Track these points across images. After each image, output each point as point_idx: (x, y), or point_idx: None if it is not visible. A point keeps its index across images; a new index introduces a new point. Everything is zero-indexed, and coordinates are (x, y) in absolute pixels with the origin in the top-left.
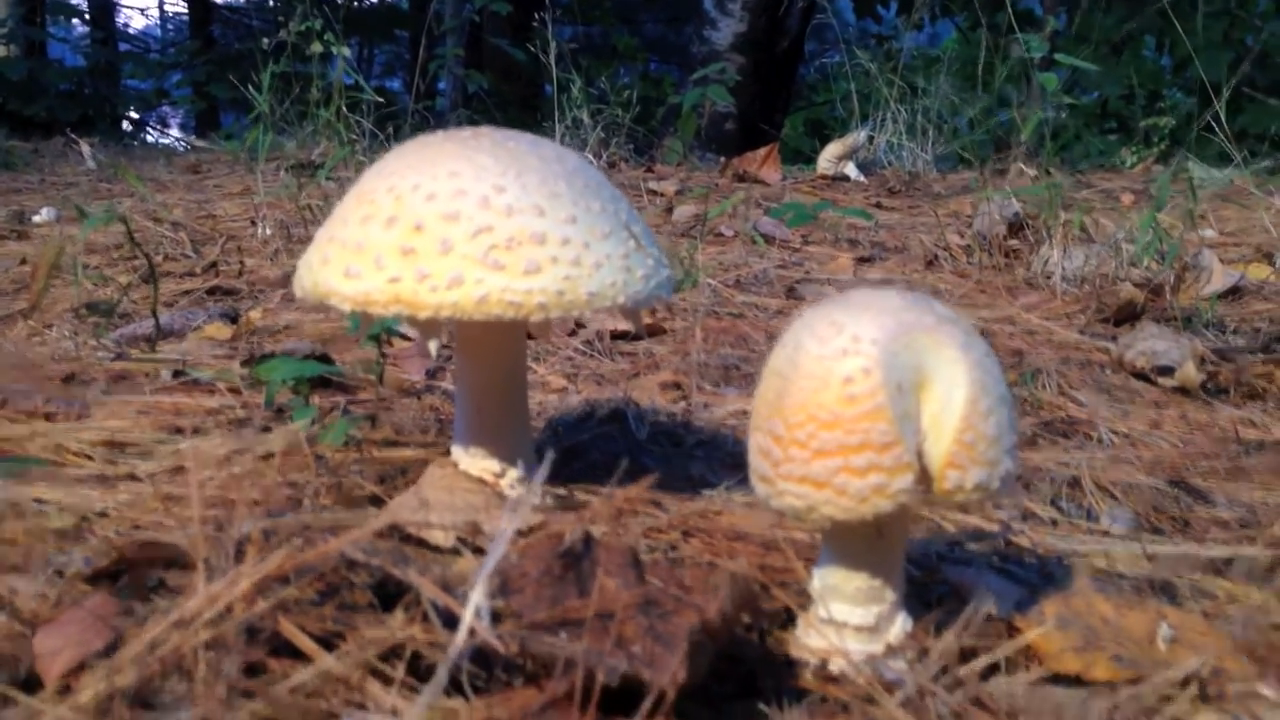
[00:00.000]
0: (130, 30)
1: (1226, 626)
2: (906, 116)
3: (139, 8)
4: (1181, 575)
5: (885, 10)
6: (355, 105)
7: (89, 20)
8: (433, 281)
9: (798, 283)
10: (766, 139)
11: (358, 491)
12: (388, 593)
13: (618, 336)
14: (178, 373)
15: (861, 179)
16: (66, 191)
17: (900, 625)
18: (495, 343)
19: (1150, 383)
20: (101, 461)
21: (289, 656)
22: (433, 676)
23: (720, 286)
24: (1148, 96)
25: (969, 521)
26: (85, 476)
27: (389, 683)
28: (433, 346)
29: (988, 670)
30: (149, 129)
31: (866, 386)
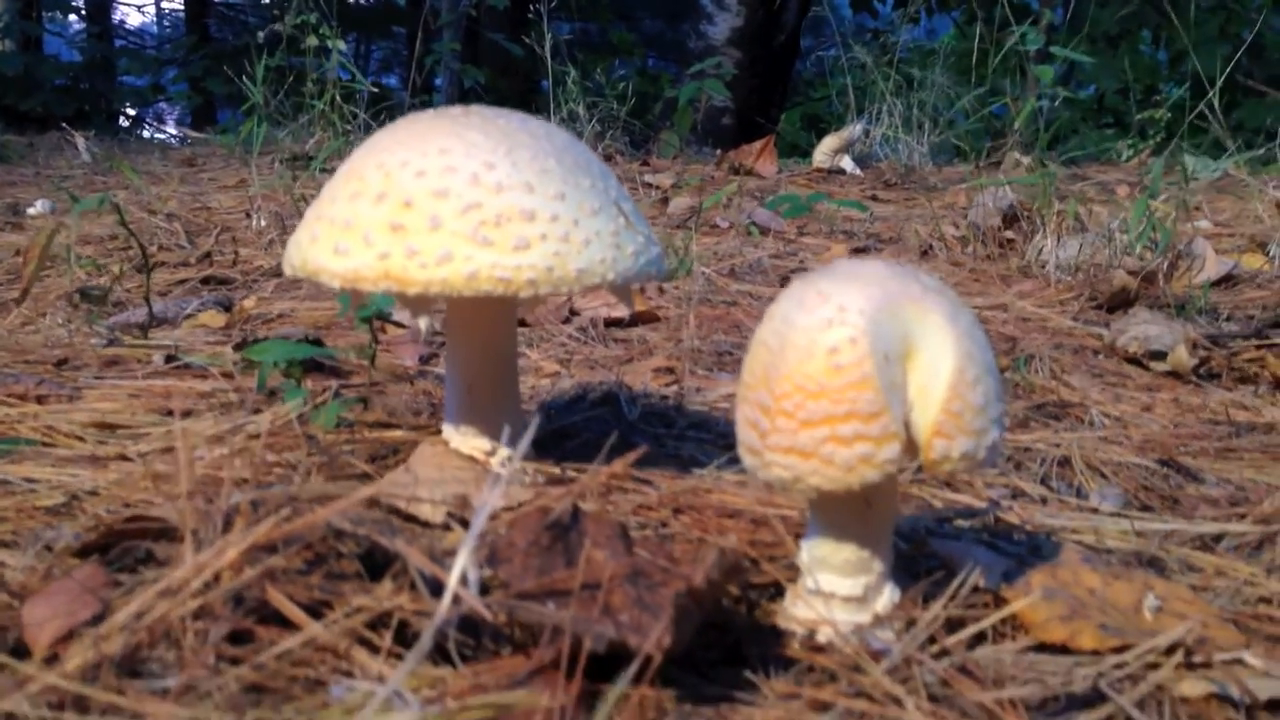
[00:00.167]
0: (126, 27)
1: (1214, 599)
2: (902, 110)
3: (135, 4)
4: (1170, 550)
5: (881, 5)
6: (350, 96)
7: (85, 16)
8: (422, 258)
9: (792, 272)
10: (763, 133)
11: (349, 470)
12: (375, 562)
13: (611, 323)
14: (170, 358)
15: (857, 172)
16: (61, 185)
17: (888, 596)
18: (486, 321)
19: (1143, 367)
20: (92, 442)
21: (277, 625)
22: (417, 642)
23: (715, 275)
24: (1144, 91)
25: (958, 499)
26: (76, 457)
27: (376, 651)
28: (422, 323)
29: (974, 639)
30: (145, 124)
31: (853, 356)
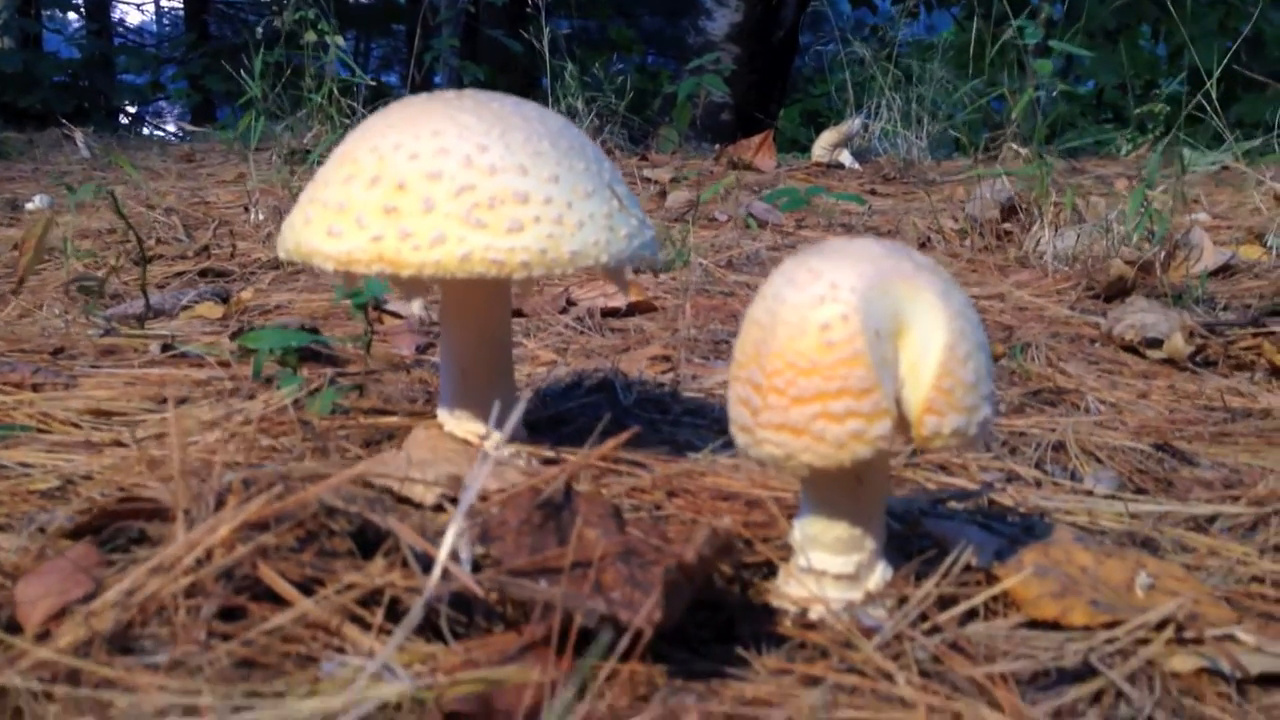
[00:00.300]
0: (126, 25)
1: (1206, 577)
2: (901, 104)
3: (134, 2)
4: (1163, 531)
5: (881, 0)
6: (348, 90)
7: (84, 13)
8: (415, 240)
9: None
10: (762, 128)
11: (343, 454)
12: (367, 540)
13: (608, 313)
14: (166, 347)
15: (856, 166)
16: (60, 180)
17: (880, 574)
18: (480, 305)
19: (1139, 355)
20: (88, 429)
21: (269, 602)
22: (407, 616)
23: (712, 266)
24: (1143, 86)
25: (953, 482)
26: (71, 442)
27: (367, 627)
28: (416, 306)
29: (966, 616)
30: (145, 122)
31: (844, 333)
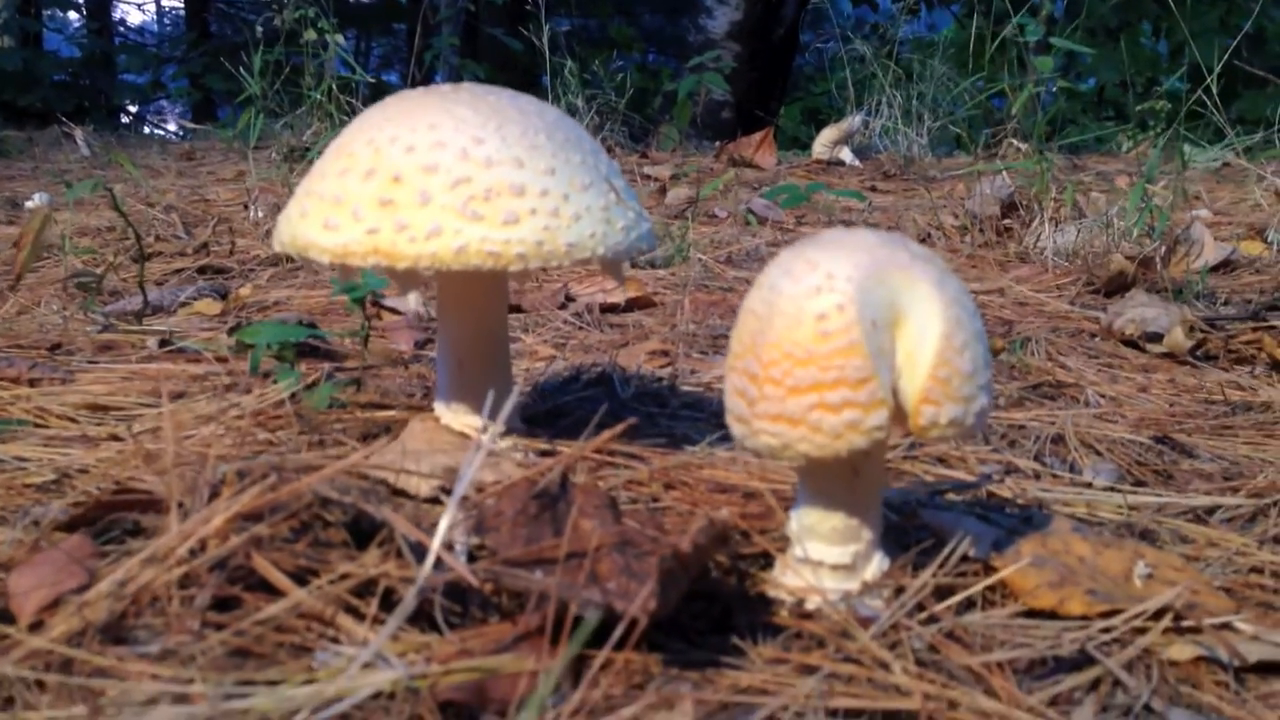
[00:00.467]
0: (127, 25)
1: (1205, 568)
2: (902, 102)
3: (135, 2)
4: (1162, 522)
5: None
6: (347, 87)
7: (85, 13)
8: (411, 232)
9: None
10: (763, 126)
11: (339, 447)
12: (362, 531)
13: (607, 309)
14: (164, 342)
15: (857, 164)
16: (60, 178)
17: (877, 564)
18: (477, 298)
19: (1139, 349)
20: (85, 424)
21: (263, 592)
22: (400, 604)
23: (712, 262)
24: (1145, 83)
25: (951, 474)
26: (67, 437)
27: (361, 617)
28: (412, 299)
29: (963, 606)
30: (146, 122)
31: (840, 323)
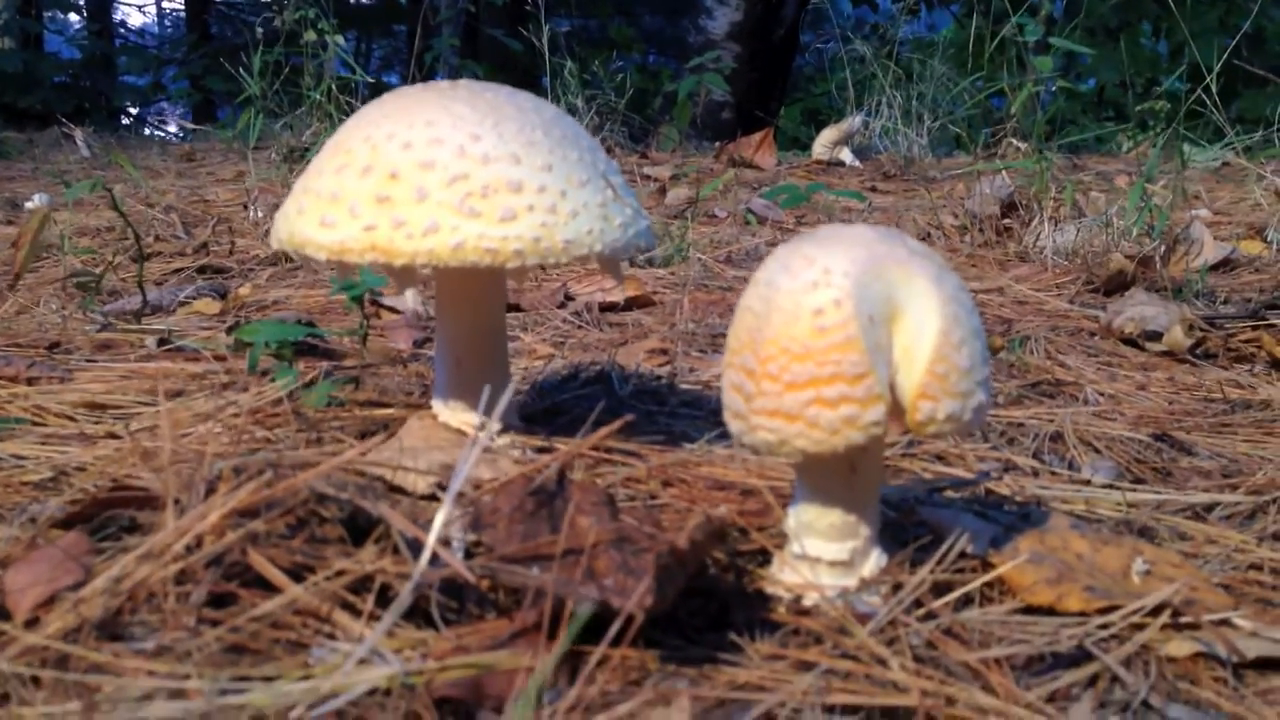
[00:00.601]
0: (128, 27)
1: (1204, 565)
2: (902, 102)
3: (136, 4)
4: (1161, 519)
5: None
6: (346, 87)
7: (85, 14)
8: (408, 229)
9: None
10: (763, 127)
11: (337, 445)
12: (358, 527)
13: (607, 308)
14: (163, 341)
15: (857, 164)
16: (60, 179)
17: (874, 560)
18: (474, 295)
19: (1138, 348)
20: (82, 422)
21: (259, 588)
22: (396, 599)
23: (711, 262)
24: (1145, 84)
25: (950, 472)
26: (65, 435)
27: (358, 614)
28: (409, 296)
29: (961, 603)
30: (147, 122)
31: (838, 318)
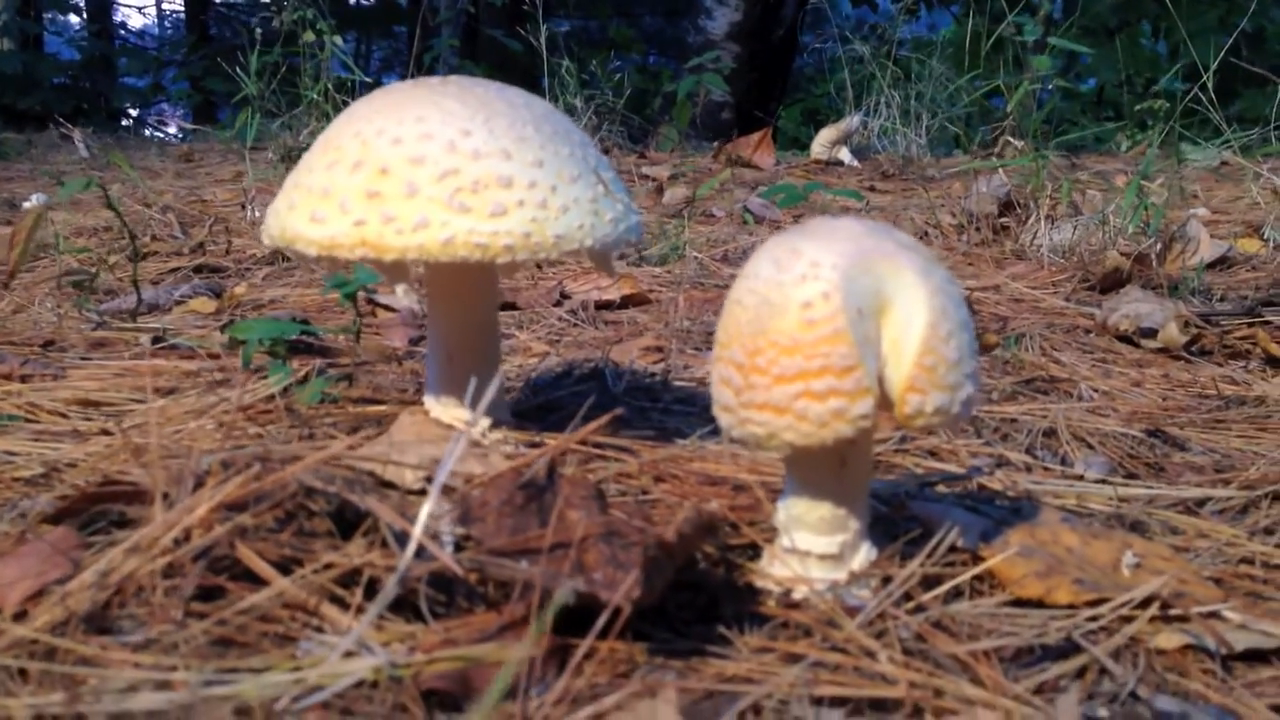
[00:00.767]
0: (128, 28)
1: (1194, 558)
2: (901, 102)
3: (136, 6)
4: (1152, 514)
5: None
6: (343, 86)
7: (86, 16)
8: (399, 224)
9: None
10: (762, 127)
11: (328, 441)
12: (346, 521)
13: (602, 306)
14: (157, 340)
15: (855, 164)
16: (58, 179)
17: (864, 554)
18: (466, 290)
19: (1134, 345)
20: (75, 419)
21: (247, 581)
22: (381, 591)
23: (707, 260)
24: (1145, 83)
25: (942, 467)
26: (57, 431)
27: (346, 607)
28: (400, 291)
29: (950, 596)
30: (147, 124)
31: (826, 311)
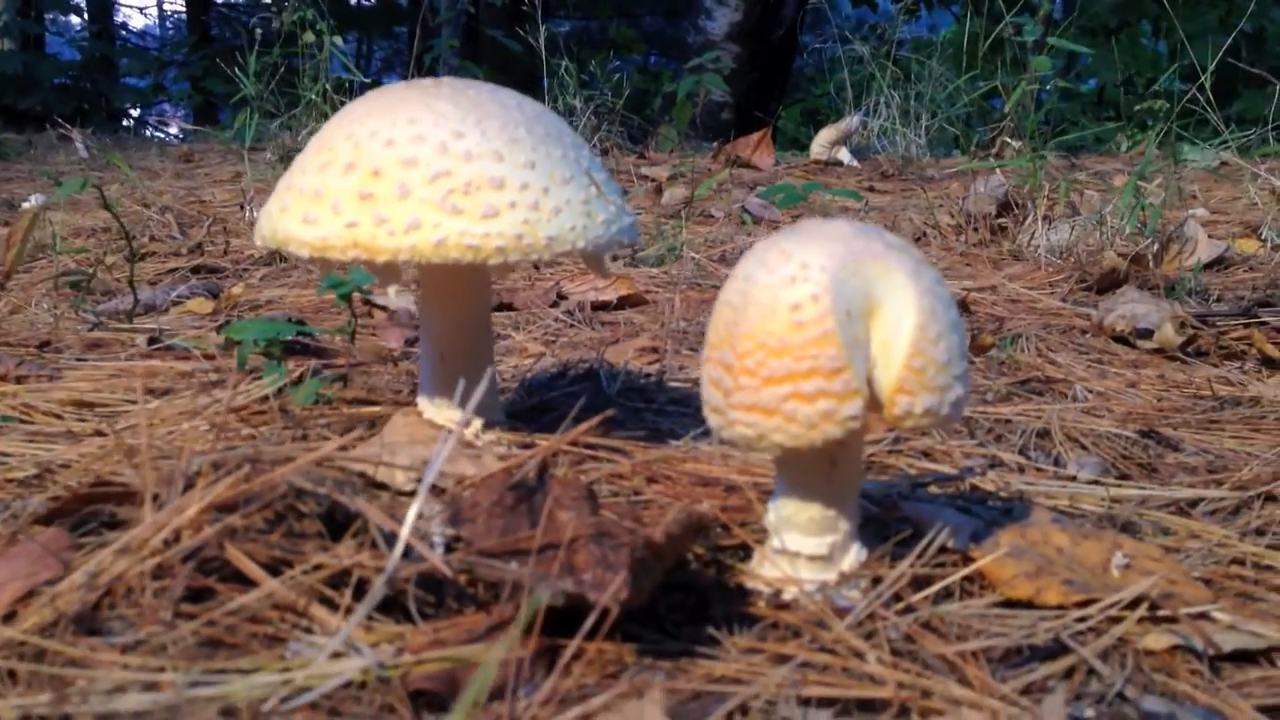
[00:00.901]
0: (129, 29)
1: (1185, 559)
2: (900, 102)
3: (138, 6)
4: (1144, 514)
5: None
6: (341, 87)
7: (87, 16)
8: (390, 226)
9: None
10: (762, 127)
11: (321, 442)
12: (336, 522)
13: (599, 307)
14: (153, 340)
15: (855, 164)
16: (57, 180)
17: (854, 555)
18: (459, 291)
19: (1129, 345)
20: (70, 420)
21: (236, 583)
22: (369, 592)
23: (705, 261)
24: (1145, 84)
25: (935, 468)
26: (51, 432)
27: (335, 608)
28: (392, 292)
29: (940, 596)
30: (148, 125)
31: (814, 313)
